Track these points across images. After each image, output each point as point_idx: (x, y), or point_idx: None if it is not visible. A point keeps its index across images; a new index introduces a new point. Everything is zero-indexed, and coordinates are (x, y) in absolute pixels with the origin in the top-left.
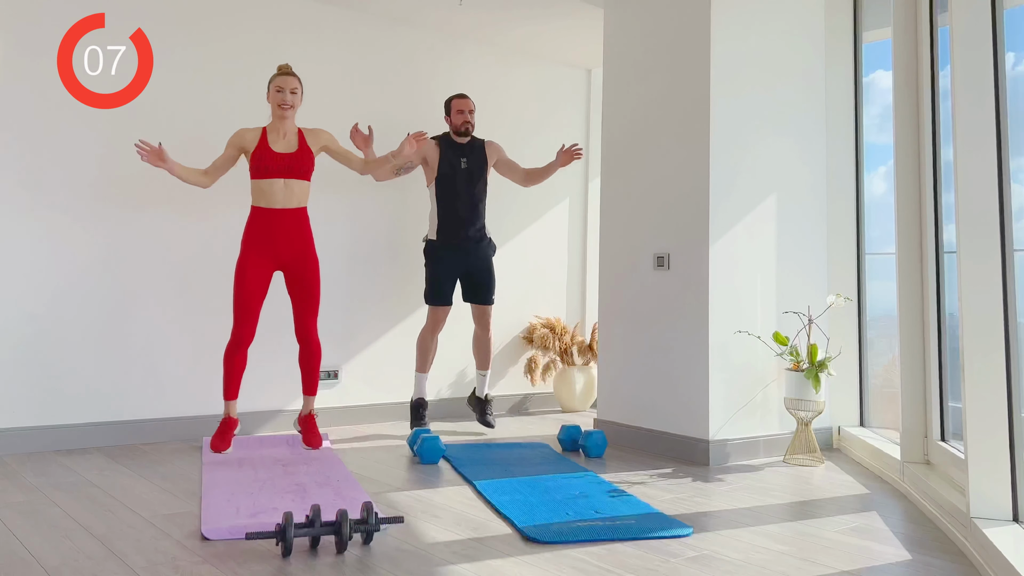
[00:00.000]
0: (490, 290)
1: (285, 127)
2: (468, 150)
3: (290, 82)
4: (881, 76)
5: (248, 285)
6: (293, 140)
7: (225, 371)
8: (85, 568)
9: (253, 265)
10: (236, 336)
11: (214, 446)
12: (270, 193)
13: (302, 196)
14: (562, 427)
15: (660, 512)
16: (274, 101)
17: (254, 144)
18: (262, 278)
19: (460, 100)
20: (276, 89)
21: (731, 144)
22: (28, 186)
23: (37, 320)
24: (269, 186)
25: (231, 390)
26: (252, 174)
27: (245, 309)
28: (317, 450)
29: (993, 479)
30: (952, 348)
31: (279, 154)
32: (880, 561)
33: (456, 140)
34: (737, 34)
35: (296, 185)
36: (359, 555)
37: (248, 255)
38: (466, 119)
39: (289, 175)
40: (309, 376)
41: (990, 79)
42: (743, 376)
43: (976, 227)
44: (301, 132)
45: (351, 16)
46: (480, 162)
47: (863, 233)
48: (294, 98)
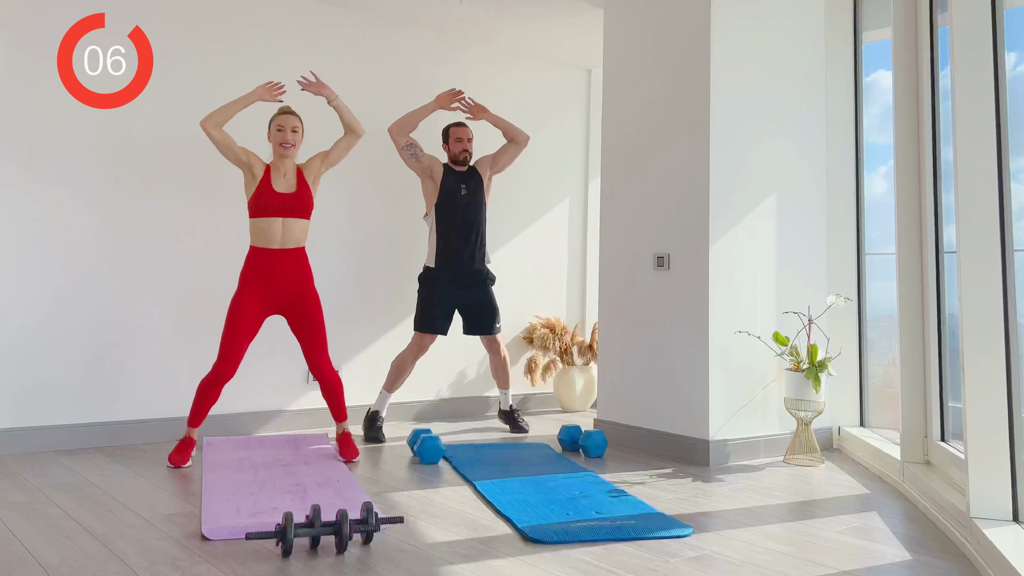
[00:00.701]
0: (493, 320)
1: (286, 166)
2: (467, 178)
3: (291, 121)
4: (883, 76)
5: (240, 325)
6: (292, 180)
7: (197, 400)
8: (85, 568)
9: (248, 306)
10: (217, 371)
11: (173, 460)
12: (269, 232)
13: (300, 236)
14: (562, 427)
15: (660, 512)
16: (275, 140)
17: (258, 176)
18: (255, 320)
19: (457, 128)
20: (277, 128)
21: (731, 144)
22: (27, 186)
23: (37, 320)
24: (268, 225)
25: (198, 418)
26: (252, 212)
27: (232, 347)
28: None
29: (993, 479)
30: (952, 348)
31: (280, 194)
32: (880, 561)
33: (455, 168)
34: (737, 34)
35: (295, 224)
36: (359, 555)
37: (244, 294)
38: (464, 147)
39: (289, 214)
40: (335, 407)
41: (990, 79)
42: (743, 376)
43: (976, 227)
44: (299, 170)
45: (350, 15)
46: (478, 187)
47: (863, 233)
48: (295, 137)
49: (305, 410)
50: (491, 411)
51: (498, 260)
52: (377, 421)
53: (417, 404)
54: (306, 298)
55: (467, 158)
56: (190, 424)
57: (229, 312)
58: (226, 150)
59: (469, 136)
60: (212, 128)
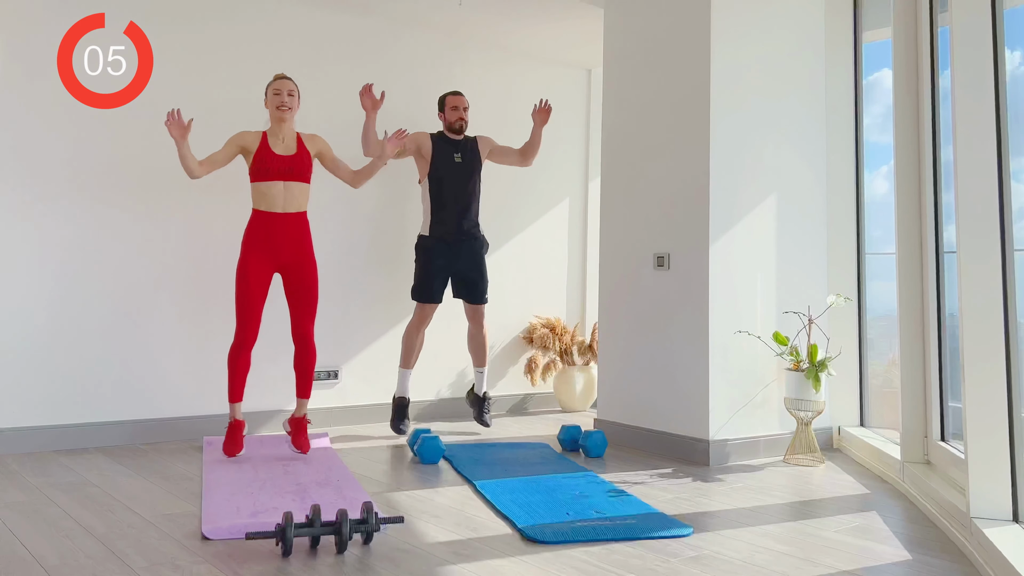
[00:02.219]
0: (483, 288)
1: (284, 130)
2: (462, 146)
3: (287, 85)
4: (886, 75)
5: (250, 287)
6: (292, 143)
7: (230, 373)
8: (85, 568)
9: (254, 268)
10: (239, 338)
11: (227, 451)
12: (270, 196)
13: (302, 199)
14: (562, 427)
15: (660, 512)
16: (272, 104)
17: (255, 146)
18: (263, 280)
19: (454, 97)
20: (274, 92)
21: (731, 144)
22: (29, 186)
23: (37, 320)
24: (269, 188)
25: (236, 392)
26: (252, 176)
27: (247, 311)
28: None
29: (993, 479)
30: (952, 348)
31: (279, 156)
32: (880, 561)
33: (450, 136)
34: (737, 34)
35: (296, 188)
36: (359, 555)
37: (248, 258)
38: (460, 115)
39: (289, 177)
40: (304, 379)
41: (990, 79)
42: (743, 376)
43: (976, 227)
44: (299, 136)
45: (351, 18)
46: (474, 157)
47: (863, 233)
48: (292, 100)
49: None
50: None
51: (498, 260)
52: (403, 408)
53: (417, 404)
54: (305, 262)
55: (463, 126)
56: (231, 400)
57: (237, 279)
58: (223, 164)
59: (465, 105)
60: (199, 174)
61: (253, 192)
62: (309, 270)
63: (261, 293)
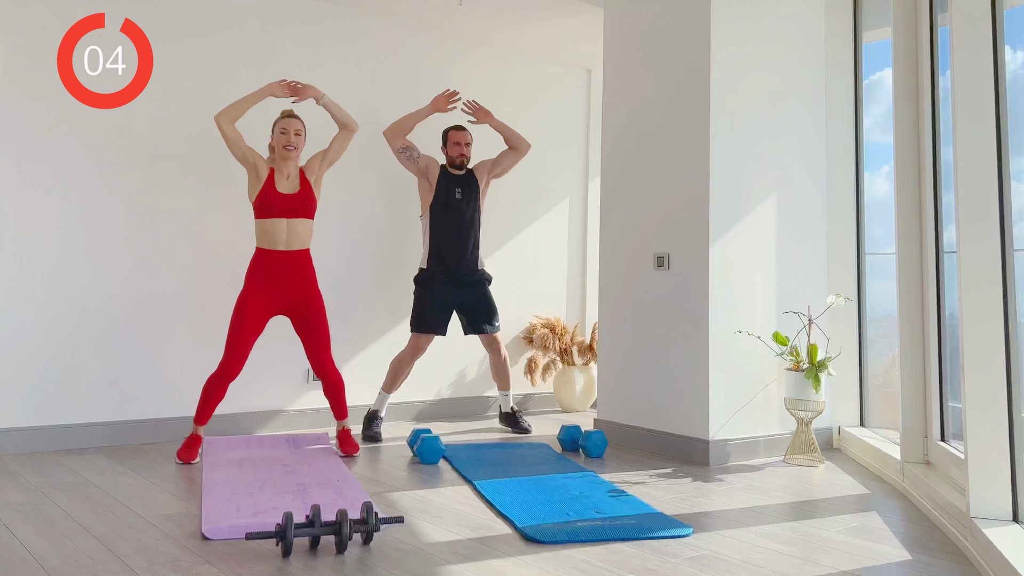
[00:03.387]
0: (492, 318)
1: (289, 168)
2: (463, 181)
3: (294, 124)
4: (887, 75)
5: (246, 323)
6: (296, 181)
7: (203, 398)
8: (85, 568)
9: (253, 305)
10: (223, 370)
11: (182, 456)
12: (273, 233)
13: (305, 237)
14: (562, 427)
15: (660, 512)
16: (279, 143)
17: (262, 176)
18: (260, 319)
19: (456, 132)
20: (281, 131)
21: (731, 144)
22: (29, 185)
23: (37, 320)
24: (272, 226)
25: (204, 416)
26: (256, 214)
27: (238, 346)
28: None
29: (993, 479)
30: (952, 348)
31: (283, 195)
32: (880, 561)
33: (452, 172)
34: (737, 33)
35: (299, 225)
36: (359, 555)
37: (249, 294)
38: (462, 152)
39: (292, 215)
40: (337, 405)
41: (990, 79)
42: (743, 376)
43: (976, 227)
44: (302, 172)
45: (351, 16)
46: (474, 193)
47: (863, 233)
48: (298, 140)
49: (305, 410)
50: (491, 411)
51: (498, 260)
52: (375, 420)
53: (417, 404)
54: (310, 299)
55: (464, 162)
56: (197, 422)
57: (235, 312)
58: (235, 147)
59: (468, 140)
60: (225, 123)
61: (257, 229)
62: (316, 305)
63: (255, 330)
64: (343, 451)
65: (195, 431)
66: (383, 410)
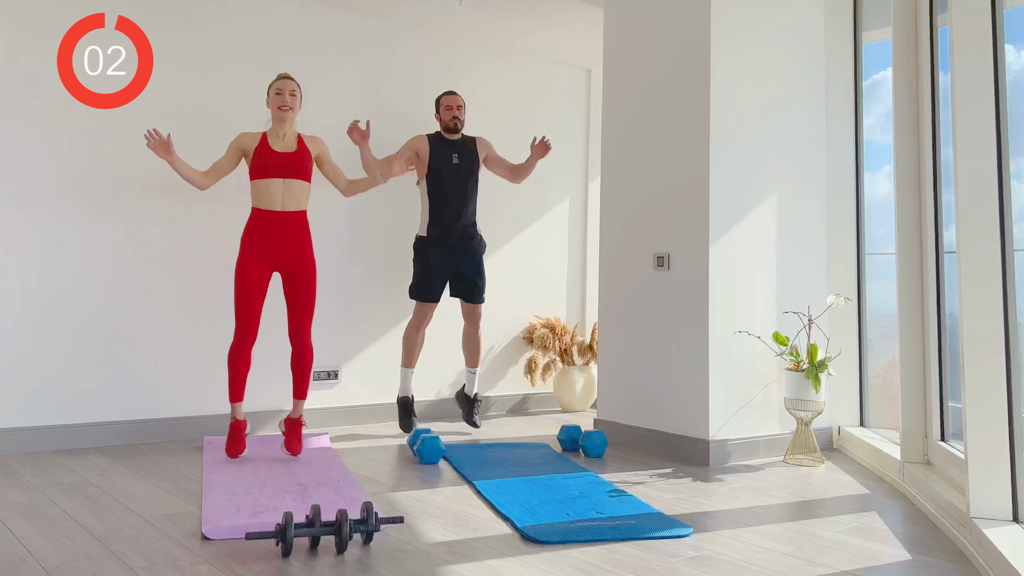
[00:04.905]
0: (480, 289)
1: (285, 129)
2: (459, 146)
3: (289, 85)
4: (887, 75)
5: (249, 286)
6: (292, 141)
7: (230, 373)
8: (85, 568)
9: (253, 266)
10: (239, 337)
11: (229, 452)
12: (269, 194)
13: (302, 198)
14: (562, 427)
15: (660, 512)
16: (274, 103)
17: (254, 145)
18: (262, 279)
19: (449, 97)
20: (276, 92)
21: (731, 144)
22: (27, 184)
23: (37, 320)
24: (268, 186)
25: (237, 392)
26: (252, 174)
27: (246, 310)
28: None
29: (993, 479)
30: (952, 348)
31: (279, 153)
32: (880, 561)
33: (446, 136)
34: (737, 33)
35: (296, 185)
36: (359, 555)
37: (247, 256)
38: (455, 115)
39: (288, 175)
40: (300, 379)
41: (990, 79)
42: (743, 376)
43: (976, 227)
44: (300, 136)
45: (351, 18)
46: (471, 158)
47: (863, 233)
48: (293, 100)
49: (305, 410)
50: (491, 411)
51: (498, 260)
52: (408, 407)
53: (417, 404)
54: (303, 263)
55: (458, 125)
56: (232, 400)
57: (236, 278)
58: (229, 170)
59: (460, 104)
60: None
61: (252, 190)
62: (308, 270)
63: (260, 292)
64: (287, 447)
65: (234, 416)
66: (410, 391)
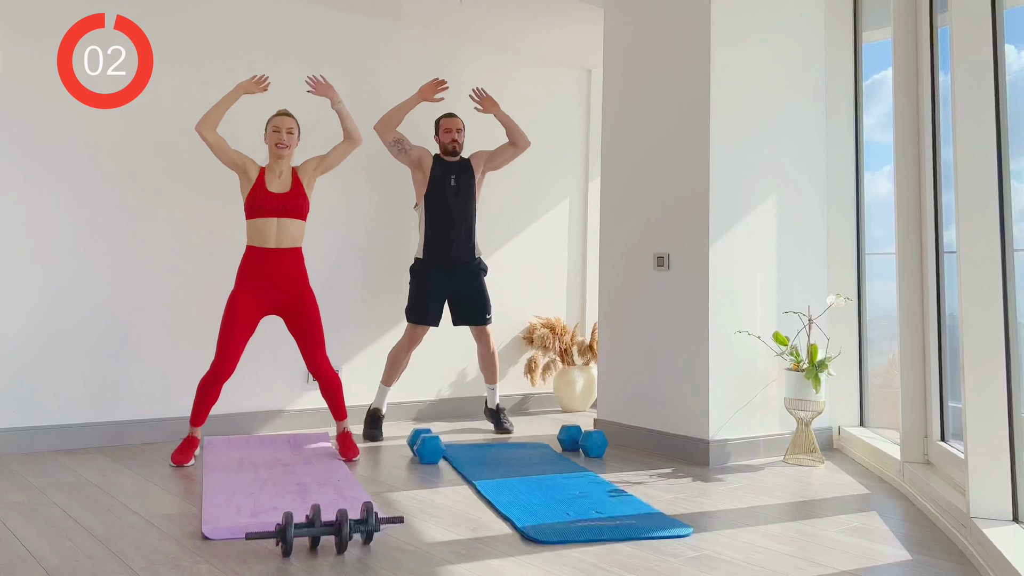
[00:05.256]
0: (484, 310)
1: (281, 167)
2: (456, 168)
3: (286, 122)
4: (888, 75)
5: (236, 321)
6: (288, 180)
7: (197, 399)
8: (85, 568)
9: (244, 304)
10: (215, 370)
11: (175, 459)
12: (264, 232)
13: (296, 236)
14: (562, 427)
15: (660, 512)
16: (271, 141)
17: (252, 178)
18: (251, 319)
19: (448, 119)
20: (273, 129)
21: (731, 143)
22: (27, 185)
23: (37, 320)
24: (263, 225)
25: (199, 417)
26: (247, 214)
27: (229, 346)
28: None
29: (993, 479)
30: (952, 348)
31: (273, 194)
32: (880, 561)
33: (445, 159)
34: (737, 33)
35: (290, 224)
36: (359, 555)
37: (240, 293)
38: (454, 138)
39: (283, 214)
40: (335, 405)
41: (990, 79)
42: (743, 376)
43: (976, 227)
44: (295, 172)
45: (351, 17)
46: (468, 180)
47: (863, 233)
48: (291, 138)
49: (305, 410)
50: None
51: (498, 260)
52: (378, 419)
53: (417, 404)
54: (302, 298)
55: (456, 148)
56: (192, 423)
57: (226, 311)
58: (220, 153)
59: (459, 127)
60: (206, 131)
61: (248, 229)
62: (308, 303)
63: (247, 330)
64: (342, 455)
65: (191, 433)
66: (384, 406)
